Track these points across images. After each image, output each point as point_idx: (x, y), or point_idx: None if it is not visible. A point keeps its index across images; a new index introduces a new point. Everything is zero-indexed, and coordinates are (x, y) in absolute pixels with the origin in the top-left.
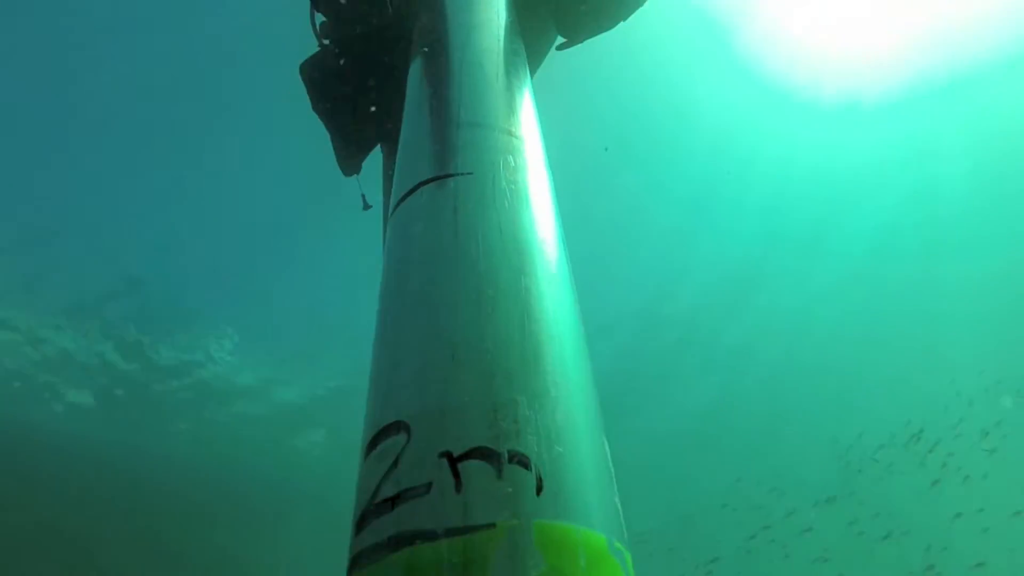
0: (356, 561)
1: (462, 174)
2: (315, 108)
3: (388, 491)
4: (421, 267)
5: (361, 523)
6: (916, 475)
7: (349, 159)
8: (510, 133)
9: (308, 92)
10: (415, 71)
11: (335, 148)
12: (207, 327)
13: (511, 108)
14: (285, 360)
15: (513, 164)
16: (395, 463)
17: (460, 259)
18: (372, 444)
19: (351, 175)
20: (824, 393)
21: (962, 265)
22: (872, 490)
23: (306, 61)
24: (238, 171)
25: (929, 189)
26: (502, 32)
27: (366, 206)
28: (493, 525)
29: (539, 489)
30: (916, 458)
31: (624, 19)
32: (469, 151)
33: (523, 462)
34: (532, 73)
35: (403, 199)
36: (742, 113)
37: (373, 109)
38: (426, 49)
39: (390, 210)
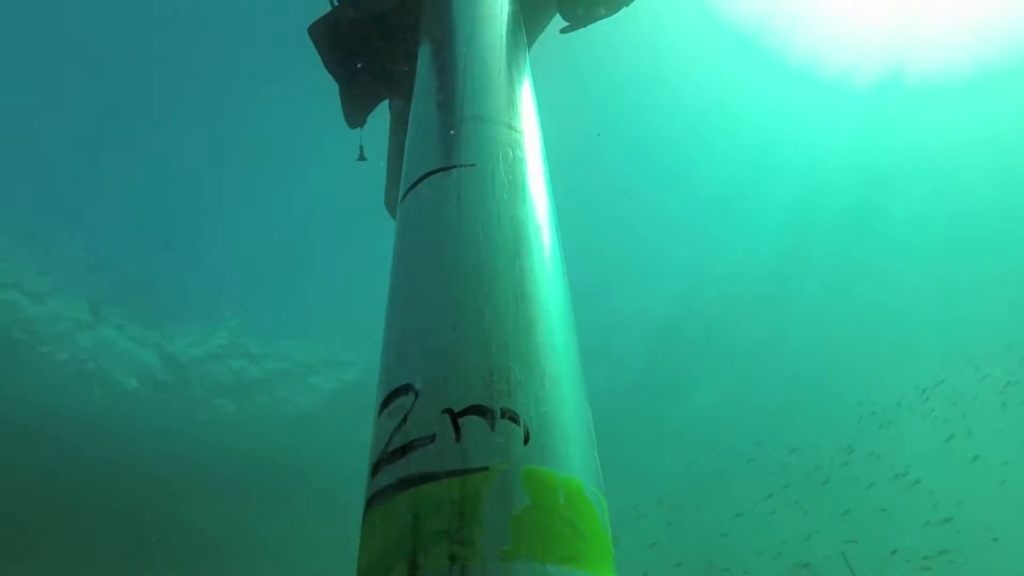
0: (371, 501)
1: (465, 165)
2: (325, 65)
3: (398, 442)
4: (428, 249)
5: (376, 469)
6: (931, 434)
7: (355, 112)
8: (510, 127)
9: (318, 51)
10: (423, 60)
11: (343, 101)
12: (221, 319)
13: (512, 103)
14: (299, 350)
15: (512, 157)
16: (404, 419)
17: (462, 243)
18: (384, 404)
19: (356, 127)
20: (842, 366)
21: (984, 260)
22: (889, 449)
23: (315, 23)
24: (249, 164)
25: (961, 181)
26: (504, 28)
27: (361, 157)
28: (487, 468)
29: (526, 440)
30: (930, 419)
31: (627, 3)
32: (472, 144)
33: (513, 418)
34: (529, 45)
35: (412, 187)
36: (767, 98)
37: (389, 39)
38: (434, 38)
39: (400, 197)
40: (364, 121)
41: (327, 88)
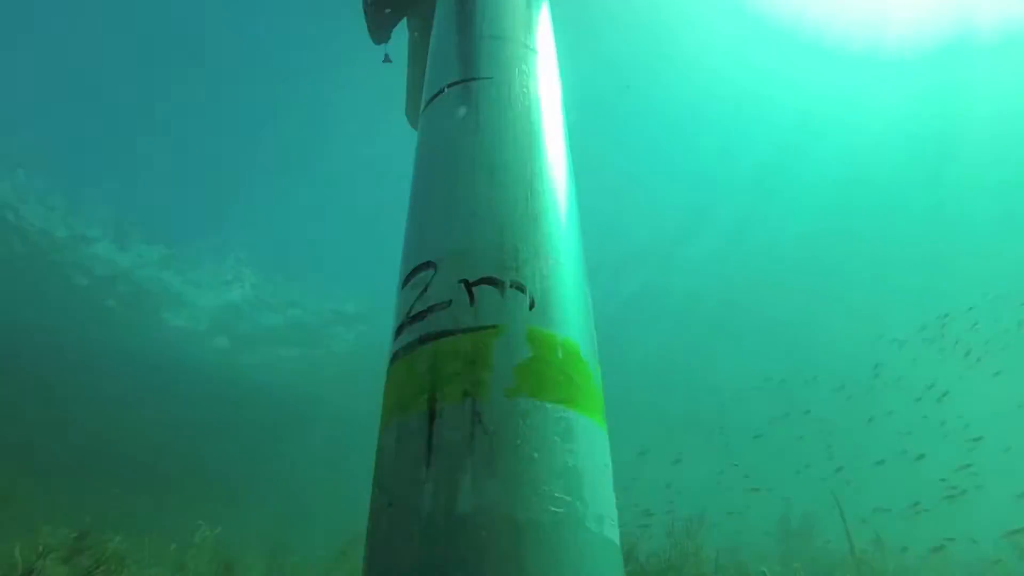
0: (395, 357)
1: (483, 78)
2: None
3: (419, 307)
4: (448, 149)
5: (398, 332)
6: (948, 362)
7: (379, 28)
8: (526, 46)
9: None
10: None
11: (367, 17)
12: (226, 253)
13: (528, 24)
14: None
15: (527, 72)
16: (425, 289)
17: (479, 144)
18: (407, 279)
19: (381, 43)
20: (857, 300)
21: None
22: (911, 371)
23: None
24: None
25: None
26: None
27: (386, 60)
28: (496, 326)
29: (531, 306)
30: (946, 349)
31: None
32: (490, 59)
33: (520, 288)
34: None
35: (434, 97)
36: (800, 76)
37: None
38: None
39: (423, 106)
40: (388, 37)
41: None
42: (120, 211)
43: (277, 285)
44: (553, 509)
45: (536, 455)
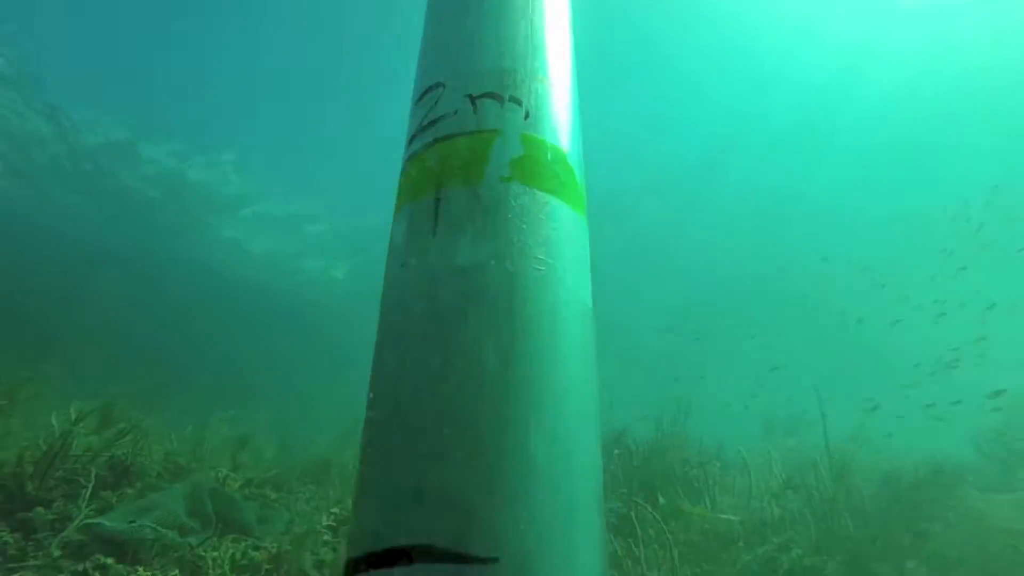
0: (407, 162)
1: None
2: None
3: (429, 119)
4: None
5: (411, 141)
6: (965, 240)
7: None
8: None
9: None
10: None
11: None
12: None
13: None
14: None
15: None
16: (435, 103)
17: None
18: (419, 98)
19: None
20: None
21: None
22: (923, 251)
23: None
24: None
25: None
26: None
27: None
28: (495, 130)
29: (526, 116)
30: (960, 227)
31: None
32: None
33: (517, 102)
34: None
35: None
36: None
37: None
38: None
39: None
40: None
41: None
42: (146, 120)
43: (296, 197)
44: (536, 268)
45: (524, 227)
